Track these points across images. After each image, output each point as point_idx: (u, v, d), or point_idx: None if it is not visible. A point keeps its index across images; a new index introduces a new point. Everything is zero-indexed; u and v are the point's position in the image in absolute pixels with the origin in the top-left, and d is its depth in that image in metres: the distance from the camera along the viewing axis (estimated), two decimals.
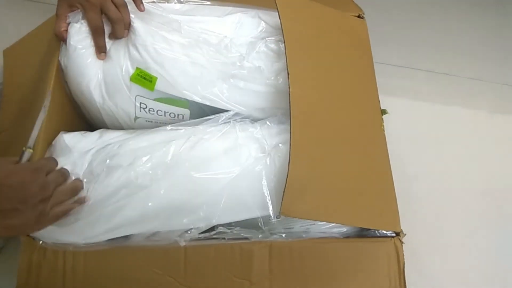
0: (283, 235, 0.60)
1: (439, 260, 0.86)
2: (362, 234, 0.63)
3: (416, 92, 1.07)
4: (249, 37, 0.67)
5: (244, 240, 0.59)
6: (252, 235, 0.59)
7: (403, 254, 0.60)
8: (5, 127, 0.69)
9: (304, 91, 0.61)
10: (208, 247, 0.58)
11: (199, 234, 0.57)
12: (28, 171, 0.49)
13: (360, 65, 0.72)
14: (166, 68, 0.62)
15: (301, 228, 0.62)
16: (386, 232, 0.62)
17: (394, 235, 0.61)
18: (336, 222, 0.60)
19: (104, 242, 0.57)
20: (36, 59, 0.68)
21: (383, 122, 0.69)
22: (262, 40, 0.67)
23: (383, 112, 0.71)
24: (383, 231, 0.62)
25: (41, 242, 0.56)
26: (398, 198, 0.63)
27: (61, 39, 0.62)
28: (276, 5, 0.64)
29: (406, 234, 0.61)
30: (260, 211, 0.57)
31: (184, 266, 0.57)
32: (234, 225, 0.59)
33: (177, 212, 0.56)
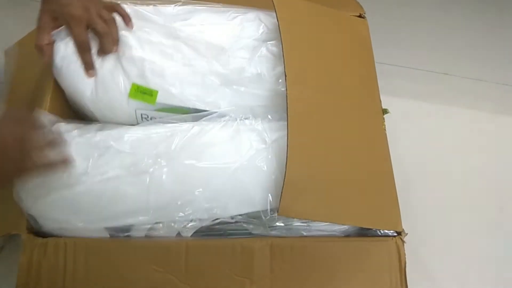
0: (284, 230, 0.60)
1: (440, 260, 0.86)
2: (363, 233, 0.63)
3: (416, 92, 1.07)
4: (250, 39, 0.67)
5: (244, 231, 0.59)
6: (253, 226, 0.59)
7: (404, 253, 0.60)
8: None
9: (303, 92, 0.60)
10: (209, 245, 0.58)
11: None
12: (9, 123, 0.49)
13: (360, 65, 0.72)
14: (167, 80, 0.61)
15: (301, 224, 0.61)
16: (388, 232, 0.62)
17: (396, 234, 0.61)
18: (336, 222, 0.60)
19: (105, 238, 0.57)
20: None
21: (385, 121, 0.69)
22: (264, 43, 0.66)
23: (385, 111, 0.71)
24: (385, 230, 0.62)
25: (41, 230, 0.55)
26: (399, 197, 0.63)
27: (41, 53, 0.59)
28: (274, 6, 0.64)
29: (407, 233, 0.61)
30: (262, 205, 0.57)
31: (184, 264, 0.57)
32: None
33: (179, 202, 0.56)
